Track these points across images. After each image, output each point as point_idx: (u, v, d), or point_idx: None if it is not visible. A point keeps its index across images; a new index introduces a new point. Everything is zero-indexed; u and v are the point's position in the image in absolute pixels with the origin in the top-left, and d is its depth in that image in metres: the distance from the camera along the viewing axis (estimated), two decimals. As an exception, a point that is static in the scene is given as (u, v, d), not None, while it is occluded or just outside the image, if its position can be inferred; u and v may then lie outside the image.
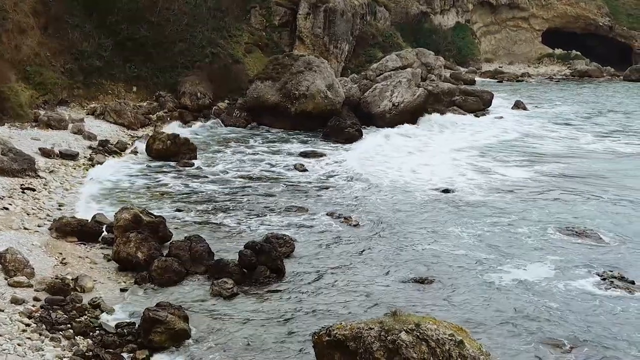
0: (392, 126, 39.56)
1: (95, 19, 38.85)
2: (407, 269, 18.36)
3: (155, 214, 20.27)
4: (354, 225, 21.92)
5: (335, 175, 28.53)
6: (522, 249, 20.24)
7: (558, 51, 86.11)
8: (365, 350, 8.95)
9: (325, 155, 32.21)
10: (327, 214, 22.87)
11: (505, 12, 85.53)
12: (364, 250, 19.73)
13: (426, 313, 13.92)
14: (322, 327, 10.15)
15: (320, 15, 49.69)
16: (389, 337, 8.90)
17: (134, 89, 39.25)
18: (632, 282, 18.20)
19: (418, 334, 8.89)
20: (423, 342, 8.81)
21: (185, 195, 24.66)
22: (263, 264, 17.51)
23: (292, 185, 26.75)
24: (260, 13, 49.65)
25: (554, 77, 79.74)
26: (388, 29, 59.35)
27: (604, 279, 18.28)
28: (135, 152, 30.31)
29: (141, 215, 19.00)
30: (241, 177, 27.73)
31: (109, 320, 14.82)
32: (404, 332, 8.86)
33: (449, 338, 8.87)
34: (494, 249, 20.18)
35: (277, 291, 16.77)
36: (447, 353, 8.80)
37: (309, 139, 36.25)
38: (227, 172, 28.36)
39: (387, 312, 10.07)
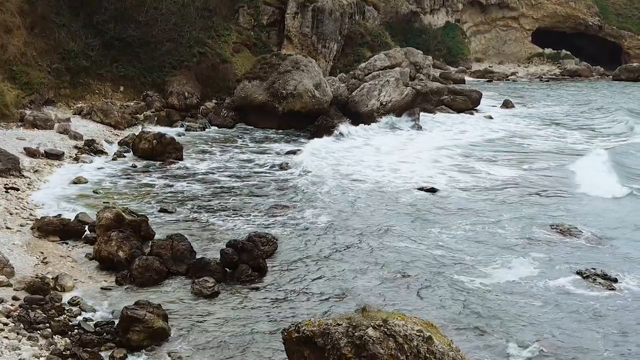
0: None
1: (82, 19, 38.70)
2: (387, 267, 18.36)
3: (138, 213, 20.25)
4: (337, 224, 21.89)
5: (324, 173, 28.43)
6: (504, 248, 20.26)
7: (548, 51, 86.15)
8: (333, 346, 8.91)
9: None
10: (310, 213, 22.86)
11: (495, 11, 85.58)
12: (345, 249, 19.72)
13: (402, 310, 13.95)
14: (292, 324, 10.12)
15: (309, 14, 49.66)
16: (356, 333, 8.86)
17: (121, 88, 39.17)
18: (615, 280, 18.24)
19: (385, 329, 8.84)
20: (390, 338, 8.77)
21: (170, 195, 24.60)
22: (245, 262, 17.51)
23: (277, 184, 26.71)
24: (249, 12, 49.61)
25: (543, 76, 79.81)
26: (377, 29, 59.33)
27: (586, 277, 18.33)
28: (116, 158, 29.95)
29: (123, 214, 18.96)
30: (227, 176, 27.70)
31: (88, 319, 14.76)
32: (371, 328, 8.82)
33: (417, 334, 8.83)
34: (476, 247, 20.20)
35: (258, 289, 16.76)
36: (415, 349, 8.75)
37: (297, 138, 36.23)
38: (213, 171, 28.32)
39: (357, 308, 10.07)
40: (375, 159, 31.69)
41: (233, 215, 22.45)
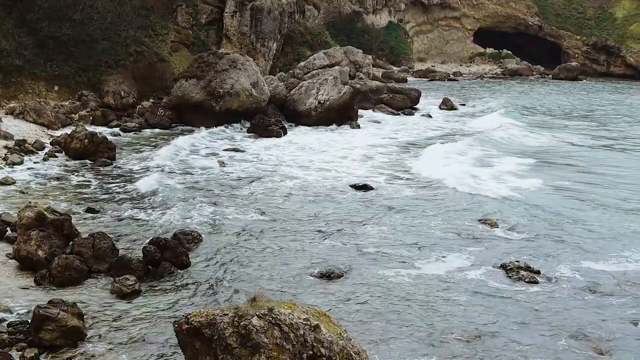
0: (318, 123, 39.74)
1: (14, 17, 38.07)
2: (314, 264, 18.36)
3: (62, 212, 19.94)
4: (268, 221, 21.86)
5: (254, 172, 28.46)
6: (432, 244, 20.39)
7: (489, 50, 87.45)
8: (219, 336, 8.87)
9: (246, 152, 32.10)
10: (241, 210, 22.80)
11: (437, 11, 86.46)
12: (273, 245, 19.66)
13: (319, 306, 13.97)
14: (182, 315, 10.06)
15: (247, 13, 49.57)
16: (241, 323, 8.82)
17: (56, 88, 38.62)
18: (538, 272, 18.51)
19: (270, 318, 8.82)
20: (275, 327, 8.75)
21: (100, 194, 24.31)
22: (168, 259, 17.36)
23: (210, 181, 26.61)
24: (187, 11, 49.36)
25: (485, 75, 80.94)
26: (318, 28, 59.46)
27: (510, 269, 18.52)
28: (47, 158, 29.44)
29: (45, 213, 18.63)
30: (159, 174, 27.43)
31: (3, 319, 14.46)
32: (255, 317, 8.80)
33: (304, 322, 8.81)
34: (404, 243, 20.32)
35: (179, 286, 16.62)
36: (301, 338, 8.74)
37: (233, 136, 36.08)
38: (144, 170, 28.04)
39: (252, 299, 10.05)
40: (307, 157, 31.80)
41: (162, 213, 22.24)
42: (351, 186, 26.56)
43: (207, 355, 9.04)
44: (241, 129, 37.67)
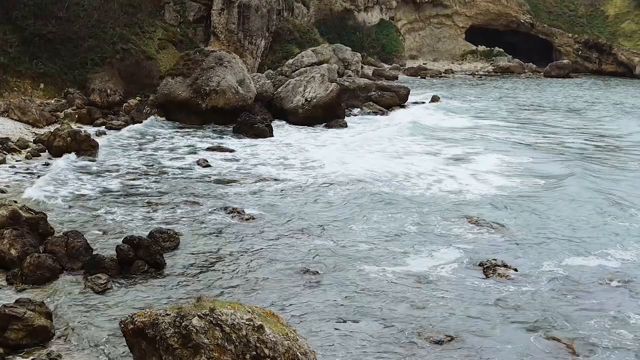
0: (305, 121, 39.69)
1: (-1, 14, 38.01)
2: (295, 262, 18.23)
3: (37, 210, 19.84)
4: (247, 220, 21.73)
5: (236, 171, 28.34)
6: (411, 241, 20.32)
7: (481, 48, 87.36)
8: (161, 337, 8.78)
9: (231, 150, 31.98)
10: (221, 209, 22.65)
11: (429, 9, 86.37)
12: (253, 244, 19.53)
13: (289, 305, 13.92)
14: (128, 315, 9.96)
15: (235, 11, 49.41)
16: (183, 323, 8.74)
17: (42, 85, 38.48)
18: (515, 270, 18.45)
19: (211, 319, 8.72)
20: (217, 327, 8.65)
21: (80, 192, 24.17)
22: (141, 258, 17.25)
23: (192, 180, 26.45)
24: (175, 9, 49.18)
25: (476, 73, 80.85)
26: (307, 25, 59.31)
27: (487, 267, 18.46)
28: (29, 157, 29.25)
29: (20, 211, 18.54)
30: (141, 173, 27.31)
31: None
32: (196, 317, 8.71)
33: (247, 323, 8.70)
34: (381, 240, 20.24)
35: (152, 286, 16.51)
36: (244, 338, 8.63)
37: (219, 134, 35.97)
38: (127, 168, 27.89)
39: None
40: (291, 155, 31.72)
41: (141, 212, 22.13)
42: (334, 184, 26.50)
43: (153, 356, 8.94)
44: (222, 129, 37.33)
